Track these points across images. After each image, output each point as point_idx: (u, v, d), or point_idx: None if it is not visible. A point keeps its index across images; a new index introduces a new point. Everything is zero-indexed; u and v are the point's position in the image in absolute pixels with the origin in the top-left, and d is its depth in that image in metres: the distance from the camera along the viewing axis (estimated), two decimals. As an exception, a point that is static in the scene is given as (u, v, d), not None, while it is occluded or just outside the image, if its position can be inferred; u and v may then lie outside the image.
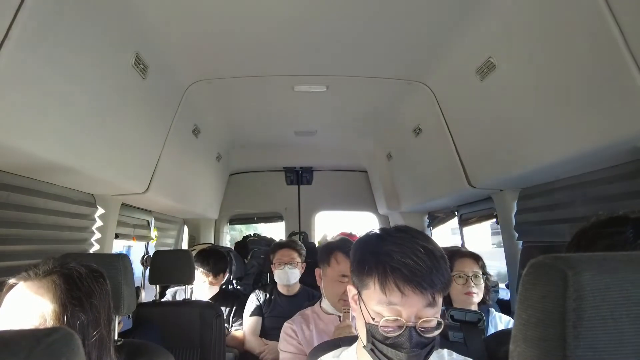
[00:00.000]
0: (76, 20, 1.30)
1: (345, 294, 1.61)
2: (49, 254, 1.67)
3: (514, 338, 0.42)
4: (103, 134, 1.67)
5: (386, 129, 3.12)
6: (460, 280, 1.96)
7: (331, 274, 1.71)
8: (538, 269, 0.40)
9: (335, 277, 1.69)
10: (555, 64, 1.39)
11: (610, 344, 0.36)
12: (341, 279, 1.67)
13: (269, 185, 4.28)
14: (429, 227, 3.76)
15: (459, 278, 1.96)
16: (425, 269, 0.91)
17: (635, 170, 1.47)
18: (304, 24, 1.70)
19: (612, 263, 0.38)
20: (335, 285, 1.69)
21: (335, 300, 1.69)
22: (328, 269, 1.72)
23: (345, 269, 1.63)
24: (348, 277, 1.62)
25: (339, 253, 1.70)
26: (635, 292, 0.36)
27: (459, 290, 1.95)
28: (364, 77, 2.22)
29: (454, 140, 2.30)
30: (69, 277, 0.93)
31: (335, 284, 1.69)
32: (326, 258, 1.73)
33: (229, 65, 2.09)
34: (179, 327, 2.10)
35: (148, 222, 2.95)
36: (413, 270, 0.90)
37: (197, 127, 2.70)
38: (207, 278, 2.73)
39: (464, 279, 1.96)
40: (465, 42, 1.76)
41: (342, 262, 1.67)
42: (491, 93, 1.79)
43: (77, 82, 1.40)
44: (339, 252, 1.70)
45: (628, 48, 1.10)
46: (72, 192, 1.91)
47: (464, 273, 1.97)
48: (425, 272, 0.90)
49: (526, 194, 2.17)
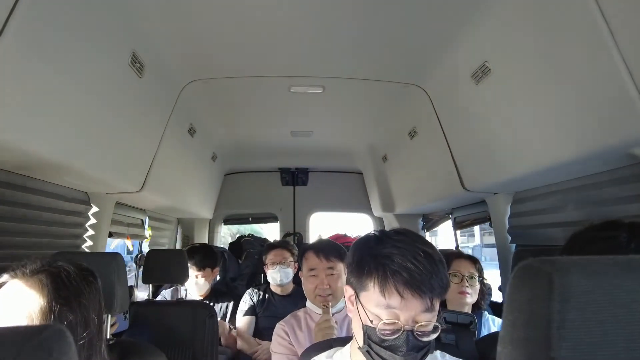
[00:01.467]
0: (72, 18, 1.29)
1: (318, 289, 1.72)
2: (42, 249, 1.68)
3: (502, 339, 0.43)
4: (98, 132, 1.66)
5: (382, 131, 3.13)
6: (456, 279, 1.98)
7: (305, 272, 1.80)
8: (525, 272, 0.41)
9: (307, 274, 1.78)
10: (550, 70, 1.40)
11: (594, 346, 0.36)
12: (310, 273, 1.76)
13: (264, 185, 4.28)
14: (423, 230, 3.77)
15: (454, 277, 1.99)
16: (425, 273, 0.91)
17: (628, 175, 1.48)
18: (300, 25, 1.71)
19: (597, 266, 0.39)
20: (307, 282, 1.77)
21: (312, 296, 1.76)
22: (303, 268, 1.82)
23: (313, 264, 1.76)
24: (315, 269, 1.75)
25: (309, 251, 1.81)
26: (619, 295, 0.37)
27: (453, 288, 1.97)
28: (360, 79, 2.23)
29: (448, 143, 2.31)
30: (56, 276, 0.92)
31: (308, 280, 1.77)
32: (301, 259, 1.84)
33: (225, 65, 2.09)
34: (172, 326, 2.09)
35: (142, 221, 2.94)
36: (413, 274, 0.91)
37: (193, 126, 2.70)
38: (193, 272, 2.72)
39: (459, 278, 1.99)
40: (461, 46, 1.77)
41: (310, 258, 1.78)
42: (486, 97, 1.80)
43: (73, 80, 1.40)
44: (309, 250, 1.81)
45: (620, 54, 1.11)
46: (66, 190, 1.91)
47: (459, 272, 2.00)
48: (425, 276, 0.91)
49: (520, 198, 2.19)
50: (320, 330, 1.56)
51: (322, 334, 1.55)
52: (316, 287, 1.73)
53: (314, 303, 1.76)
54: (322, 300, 1.70)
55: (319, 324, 1.59)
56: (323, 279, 1.72)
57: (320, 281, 1.72)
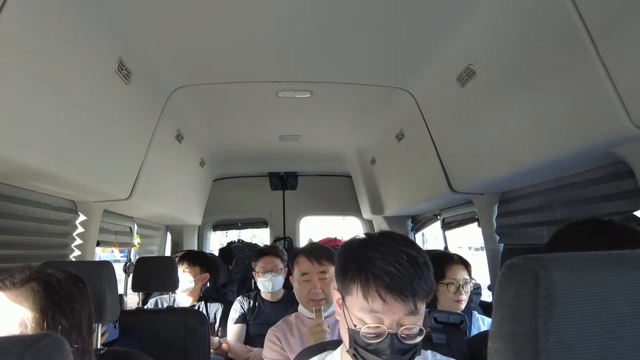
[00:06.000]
0: (57, 25, 1.29)
1: (311, 293, 1.70)
2: (29, 260, 1.65)
3: (492, 335, 0.44)
4: (85, 139, 1.65)
5: (370, 135, 3.15)
6: (452, 288, 1.96)
7: (296, 276, 1.78)
8: (512, 269, 0.43)
9: (299, 278, 1.77)
10: (532, 72, 1.44)
11: (577, 338, 0.38)
12: (302, 278, 1.75)
13: (253, 190, 4.27)
14: (412, 231, 3.80)
15: (451, 286, 1.96)
16: (407, 276, 0.91)
17: (609, 173, 1.52)
18: (288, 30, 1.72)
19: (580, 263, 0.41)
20: (301, 286, 1.76)
21: (305, 301, 1.75)
22: (294, 272, 1.80)
23: (305, 268, 1.74)
24: (308, 274, 1.73)
25: (300, 255, 1.79)
26: (600, 289, 0.39)
27: (450, 297, 1.96)
28: (347, 84, 2.25)
29: (435, 145, 2.35)
30: (47, 283, 0.92)
31: (300, 285, 1.76)
32: (292, 263, 1.82)
33: (213, 71, 2.09)
34: (163, 334, 2.08)
35: (130, 228, 2.92)
36: (395, 277, 0.91)
37: (181, 132, 2.69)
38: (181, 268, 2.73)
39: (456, 287, 1.97)
40: (446, 49, 1.80)
41: (302, 263, 1.76)
42: (471, 99, 1.84)
43: (58, 87, 1.39)
44: (300, 254, 1.80)
45: (599, 56, 1.15)
46: (53, 199, 1.88)
47: (456, 281, 1.98)
48: (407, 279, 0.91)
49: (506, 198, 2.23)
50: (313, 335, 1.56)
51: (314, 338, 1.55)
52: (309, 292, 1.72)
53: (306, 307, 1.75)
54: (314, 305, 1.69)
55: (311, 328, 1.59)
56: (316, 283, 1.71)
57: (313, 285, 1.71)
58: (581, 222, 1.07)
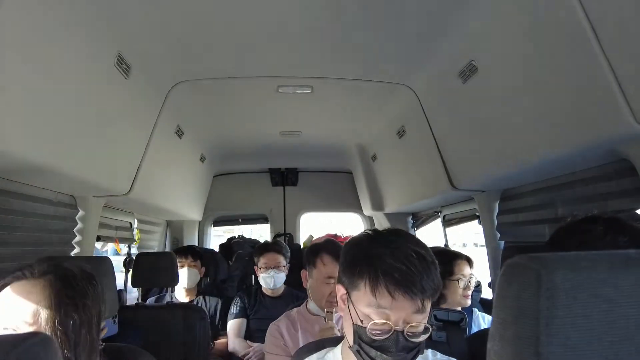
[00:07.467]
0: (56, 19, 1.27)
1: (331, 296, 1.62)
2: (28, 256, 1.65)
3: (491, 336, 0.43)
4: (84, 134, 1.64)
5: (371, 131, 3.14)
6: (462, 284, 1.99)
7: (317, 275, 1.71)
8: (513, 269, 0.41)
9: (321, 279, 1.69)
10: (536, 68, 1.42)
11: (581, 341, 0.37)
12: (327, 281, 1.67)
13: (253, 186, 4.27)
14: (413, 228, 3.79)
15: (461, 281, 1.99)
16: (417, 274, 0.91)
17: (613, 171, 1.51)
18: (288, 25, 1.70)
19: (583, 262, 0.39)
20: (322, 287, 1.69)
21: (321, 302, 1.69)
22: (314, 271, 1.72)
23: (332, 271, 1.64)
24: (334, 278, 1.61)
25: (325, 255, 1.70)
26: (604, 290, 0.38)
27: (460, 292, 1.99)
28: (348, 79, 2.23)
29: (437, 142, 2.33)
30: (64, 277, 0.94)
31: (321, 286, 1.69)
32: (312, 259, 1.73)
33: (213, 66, 2.07)
34: (163, 329, 2.07)
35: (130, 224, 2.91)
36: (405, 275, 0.90)
37: (181, 127, 2.68)
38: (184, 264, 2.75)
39: (465, 282, 2.00)
40: (448, 45, 1.78)
41: (329, 264, 1.67)
42: (473, 96, 1.82)
43: (57, 82, 1.38)
44: (325, 253, 1.70)
45: (603, 53, 1.13)
46: (52, 194, 1.87)
47: (464, 276, 2.01)
48: (417, 277, 0.91)
49: (507, 195, 2.21)
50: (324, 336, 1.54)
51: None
52: (330, 294, 1.64)
53: (321, 308, 1.69)
54: (329, 306, 1.63)
55: (324, 329, 1.56)
56: None
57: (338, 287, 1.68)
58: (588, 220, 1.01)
